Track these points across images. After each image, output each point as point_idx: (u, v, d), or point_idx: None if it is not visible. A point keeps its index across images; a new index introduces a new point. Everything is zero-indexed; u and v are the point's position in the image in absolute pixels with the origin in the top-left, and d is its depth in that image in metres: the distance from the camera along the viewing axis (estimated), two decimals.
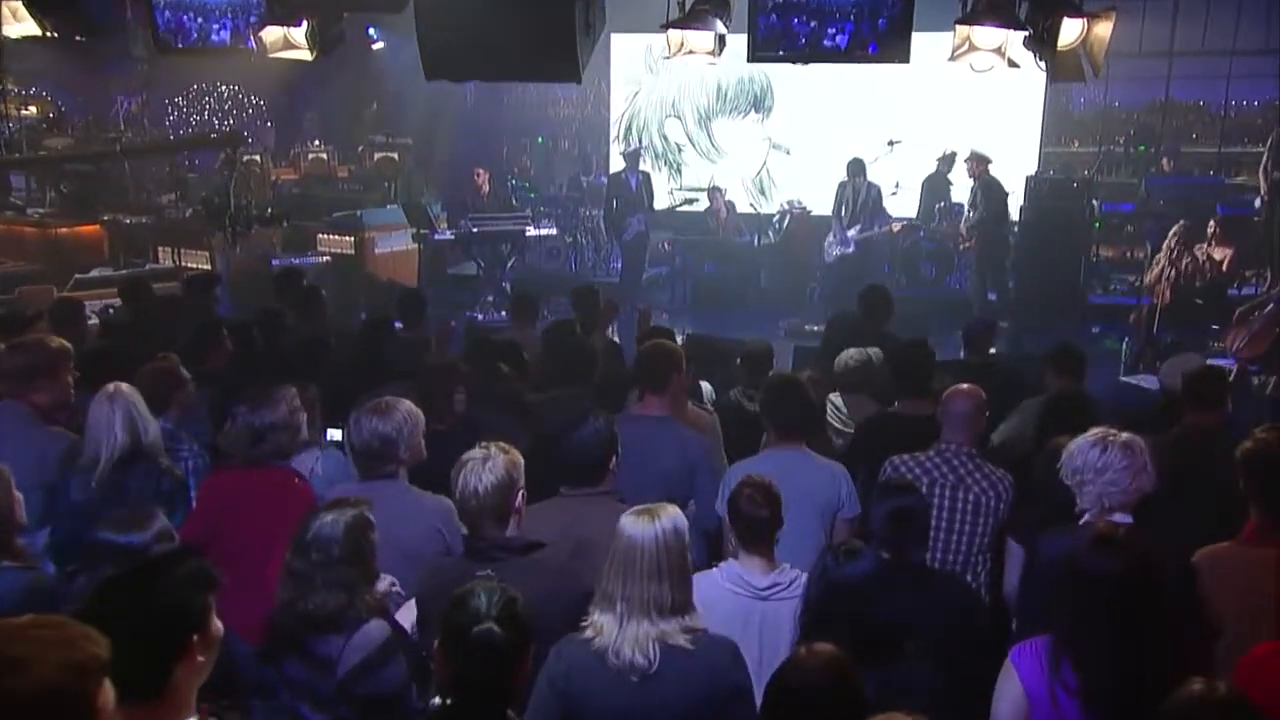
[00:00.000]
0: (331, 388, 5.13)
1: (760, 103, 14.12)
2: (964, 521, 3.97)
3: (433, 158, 14.89)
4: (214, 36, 5.60)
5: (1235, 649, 2.95)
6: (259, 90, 14.00)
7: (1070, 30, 4.97)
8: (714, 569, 3.36)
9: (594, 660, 2.67)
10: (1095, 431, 3.36)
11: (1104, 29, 4.98)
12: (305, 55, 5.52)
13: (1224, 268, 9.65)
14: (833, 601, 2.87)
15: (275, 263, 10.52)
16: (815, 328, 10.70)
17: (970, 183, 11.23)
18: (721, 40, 5.37)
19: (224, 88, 13.69)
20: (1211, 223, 9.75)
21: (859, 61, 4.74)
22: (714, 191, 12.88)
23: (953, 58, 5.19)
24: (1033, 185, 11.08)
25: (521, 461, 3.02)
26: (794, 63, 5.14)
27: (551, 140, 16.98)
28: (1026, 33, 5.23)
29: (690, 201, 13.35)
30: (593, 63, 14.72)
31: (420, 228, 10.91)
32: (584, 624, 2.75)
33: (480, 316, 11.07)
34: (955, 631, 3.31)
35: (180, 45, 5.68)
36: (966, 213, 11.11)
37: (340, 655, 2.71)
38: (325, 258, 11.00)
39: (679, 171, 14.66)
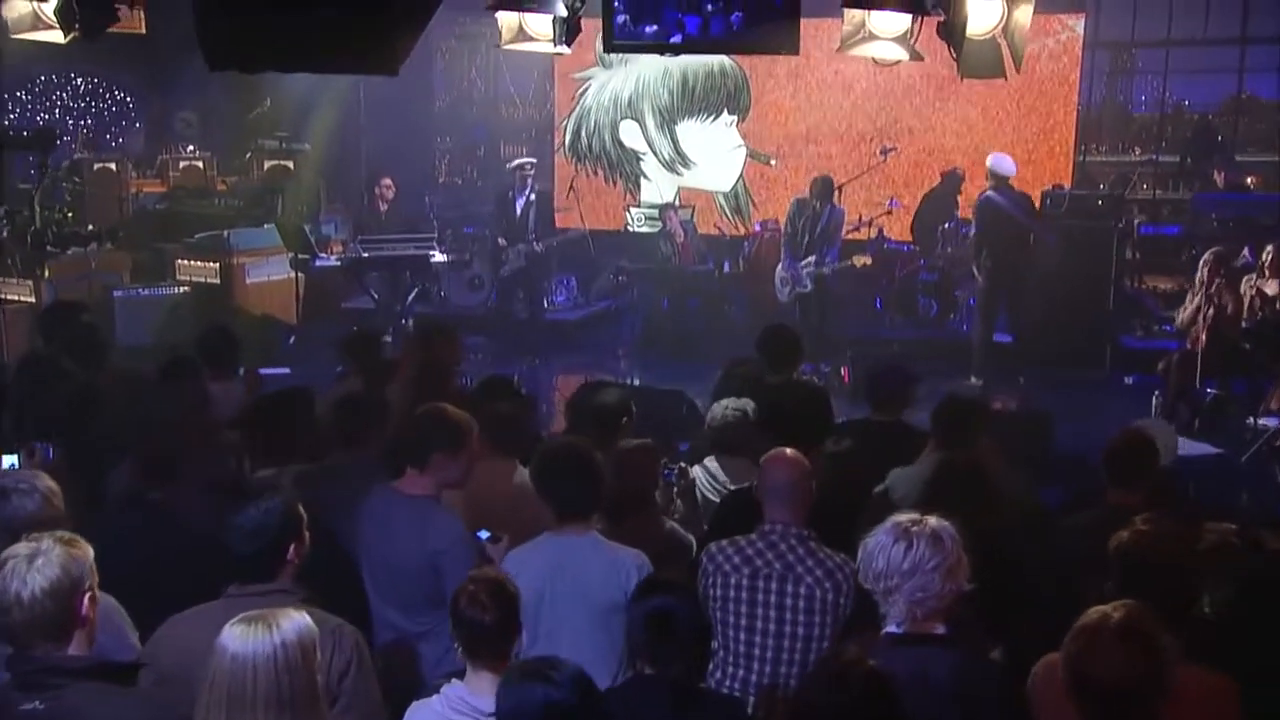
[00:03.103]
0: (89, 453, 5.14)
1: (734, 101, 14.21)
2: (795, 622, 3.91)
3: (342, 167, 15.00)
4: None
5: None
6: (125, 84, 14.15)
7: (983, 15, 4.96)
8: (435, 695, 3.30)
9: None
10: (896, 521, 3.29)
11: (1024, 13, 4.96)
12: (56, 37, 5.52)
13: (1279, 305, 9.57)
14: None
15: (117, 294, 10.60)
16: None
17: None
18: (567, 25, 5.38)
19: (80, 80, 13.84)
20: (1269, 249, 9.67)
21: (719, 52, 4.75)
22: (668, 210, 12.91)
23: (843, 48, 5.20)
24: (1049, 202, 11.04)
25: (88, 556, 2.88)
26: (659, 53, 5.15)
27: (494, 146, 17.09)
28: (940, 18, 5.23)
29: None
30: (536, 54, 14.81)
31: (297, 251, 10.96)
32: None
33: None
34: None
35: None
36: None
37: None
38: (182, 288, 11.04)
39: (637, 185, 14.72)
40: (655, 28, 4.61)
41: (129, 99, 14.33)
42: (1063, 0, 12.99)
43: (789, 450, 4.15)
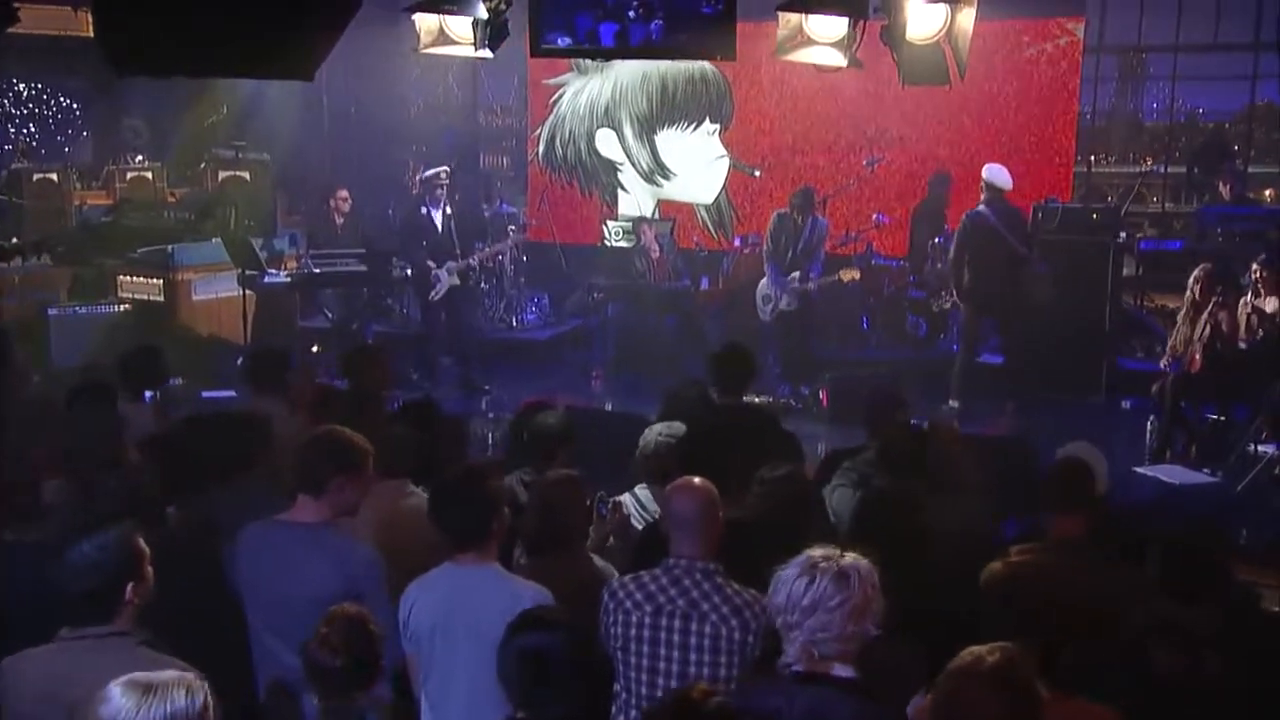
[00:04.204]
0: None
1: (716, 110, 14.23)
2: (700, 663, 3.90)
3: (303, 178, 15.05)
4: None
5: None
6: (71, 91, 14.23)
7: (925, 21, 4.99)
8: None
9: None
10: (809, 554, 3.27)
11: (966, 18, 4.99)
12: None
13: (1278, 321, 9.57)
14: None
15: (52, 312, 10.63)
16: (765, 399, 10.69)
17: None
18: (490, 28, 5.41)
19: (22, 86, 13.91)
20: (1255, 265, 9.69)
21: (650, 57, 4.79)
22: (643, 224, 12.94)
23: (779, 54, 5.22)
24: (1040, 217, 11.05)
25: None
26: (591, 58, 5.18)
27: (473, 155, 17.13)
28: (883, 22, 5.26)
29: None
30: (510, 59, 14.86)
31: (244, 267, 10.99)
32: None
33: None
34: None
35: None
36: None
37: None
38: (123, 306, 11.07)
39: (614, 197, 14.75)
40: (569, 39, 4.65)
41: (75, 106, 14.40)
42: (1062, 3, 13.02)
43: (696, 479, 4.14)
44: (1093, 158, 16.11)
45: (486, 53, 5.57)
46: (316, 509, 4.23)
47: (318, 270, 11.11)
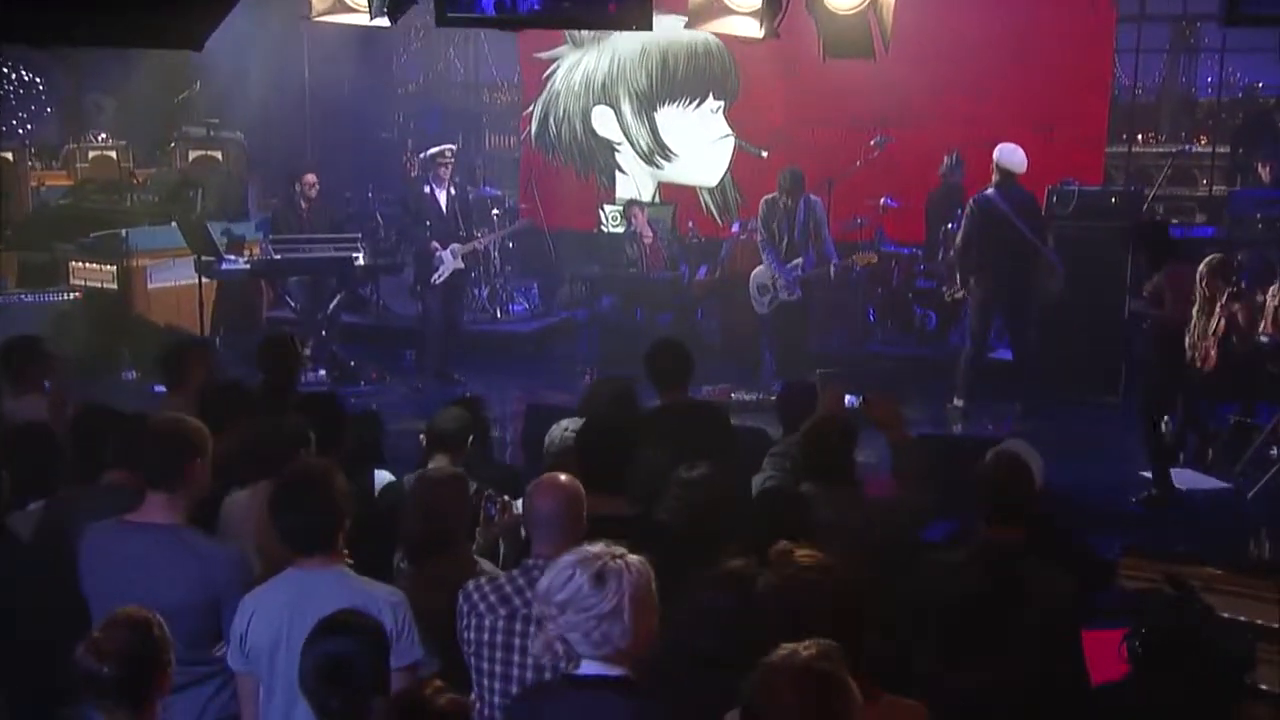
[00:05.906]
0: None
1: (720, 85, 14.23)
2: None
3: (282, 159, 15.17)
4: None
5: None
6: (34, 64, 14.42)
7: None
8: None
9: None
10: (585, 548, 3.26)
11: None
12: None
13: None
14: None
15: None
16: (754, 396, 10.72)
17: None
18: None
19: None
20: None
21: (559, 27, 4.86)
22: (634, 207, 12.98)
23: (692, 24, 5.28)
24: (1055, 200, 10.97)
25: None
26: (500, 28, 5.26)
27: (477, 135, 17.23)
28: None
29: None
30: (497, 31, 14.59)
31: (200, 252, 11.13)
32: None
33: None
34: None
35: None
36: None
37: None
38: (74, 294, 11.25)
39: (611, 179, 14.79)
40: (455, 10, 4.71)
41: (38, 80, 14.60)
42: None
43: (563, 476, 4.20)
44: (1140, 137, 16.01)
45: (384, 20, 5.64)
46: (171, 506, 4.30)
47: (278, 257, 11.20)
